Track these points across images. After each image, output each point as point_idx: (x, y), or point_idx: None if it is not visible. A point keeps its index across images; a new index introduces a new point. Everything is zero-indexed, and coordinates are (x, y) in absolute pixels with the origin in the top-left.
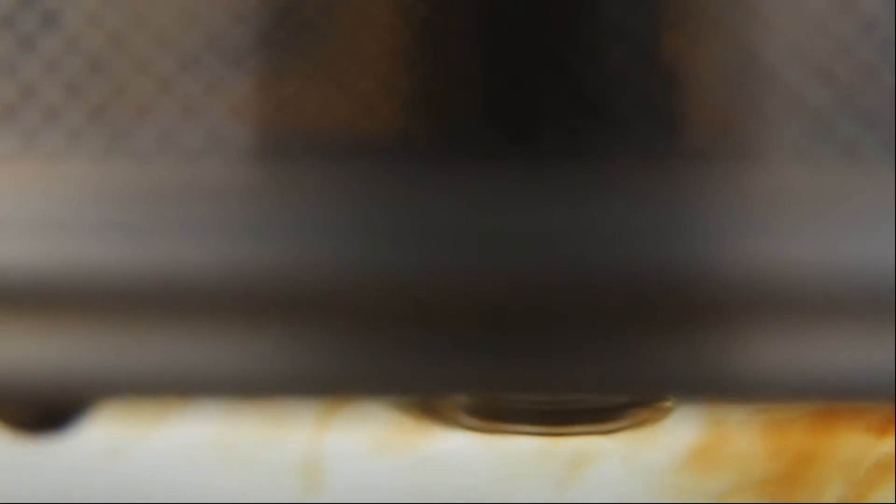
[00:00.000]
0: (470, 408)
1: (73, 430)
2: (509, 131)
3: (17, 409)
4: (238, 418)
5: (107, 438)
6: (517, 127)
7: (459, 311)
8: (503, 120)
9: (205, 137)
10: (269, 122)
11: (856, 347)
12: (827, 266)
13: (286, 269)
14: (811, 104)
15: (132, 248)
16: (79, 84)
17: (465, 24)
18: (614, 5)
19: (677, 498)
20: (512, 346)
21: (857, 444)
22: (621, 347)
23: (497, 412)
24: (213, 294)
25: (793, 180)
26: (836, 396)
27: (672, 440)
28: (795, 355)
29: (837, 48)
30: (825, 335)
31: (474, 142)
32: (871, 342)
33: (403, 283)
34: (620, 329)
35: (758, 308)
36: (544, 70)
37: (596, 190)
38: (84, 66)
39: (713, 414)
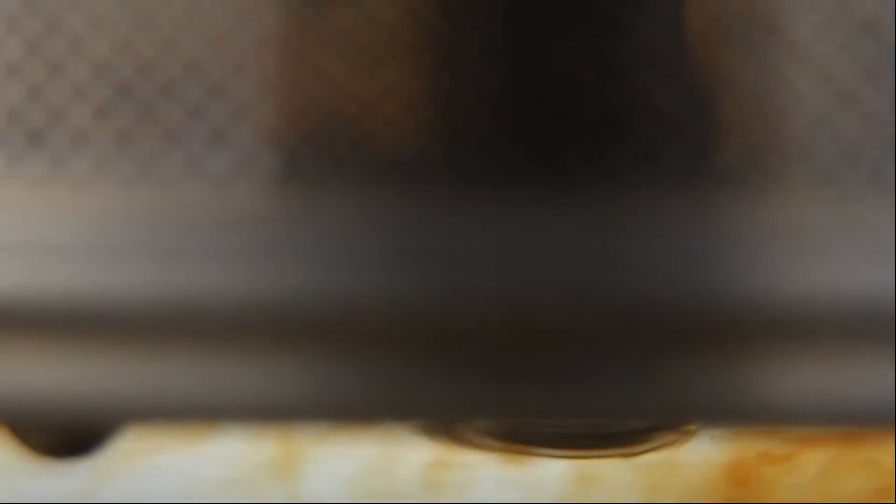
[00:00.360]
0: (493, 431)
1: (96, 454)
2: (536, 156)
3: (42, 433)
4: (236, 441)
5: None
6: (544, 152)
7: (483, 336)
8: (530, 144)
9: (232, 163)
10: (296, 148)
11: (885, 374)
12: (852, 293)
13: (311, 295)
14: (838, 130)
15: (159, 273)
16: (107, 110)
17: (492, 48)
18: (642, 29)
19: None
20: (536, 371)
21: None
22: (644, 373)
23: (520, 435)
24: (239, 319)
25: (819, 207)
26: (865, 423)
27: (694, 463)
28: (822, 381)
29: (864, 75)
30: (851, 362)
31: (501, 167)
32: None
33: (427, 308)
34: (643, 354)
35: (782, 334)
36: (572, 94)
37: (621, 214)
38: (112, 92)
39: (733, 439)
